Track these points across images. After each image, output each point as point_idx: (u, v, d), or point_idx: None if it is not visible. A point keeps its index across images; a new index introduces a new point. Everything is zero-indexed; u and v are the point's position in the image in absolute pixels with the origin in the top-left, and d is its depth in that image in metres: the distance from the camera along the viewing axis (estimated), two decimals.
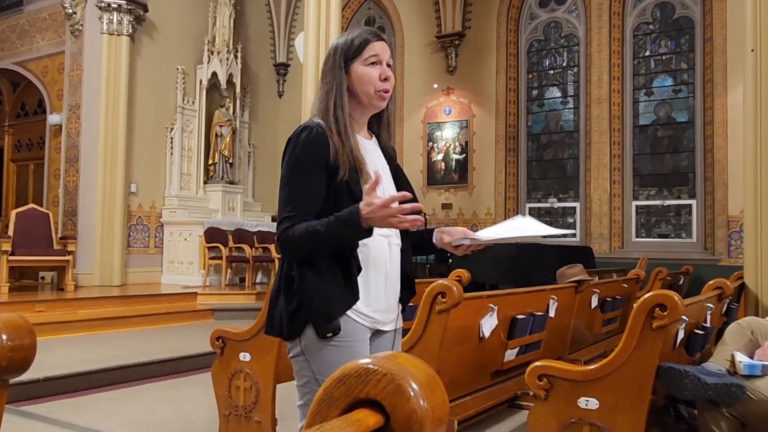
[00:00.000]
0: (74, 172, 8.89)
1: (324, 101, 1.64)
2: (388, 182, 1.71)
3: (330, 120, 1.61)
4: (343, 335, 1.56)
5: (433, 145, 10.77)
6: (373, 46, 1.65)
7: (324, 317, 1.55)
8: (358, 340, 1.59)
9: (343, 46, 1.66)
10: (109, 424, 3.63)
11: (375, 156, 1.71)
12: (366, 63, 1.64)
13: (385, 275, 1.64)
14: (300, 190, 1.58)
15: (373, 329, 1.65)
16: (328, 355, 1.56)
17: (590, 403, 2.30)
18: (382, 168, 1.71)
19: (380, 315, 1.65)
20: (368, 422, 0.66)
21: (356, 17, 11.83)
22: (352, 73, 1.64)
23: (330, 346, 1.56)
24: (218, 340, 3.14)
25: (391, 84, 1.67)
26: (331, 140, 1.58)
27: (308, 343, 1.58)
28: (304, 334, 1.58)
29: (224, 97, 10.28)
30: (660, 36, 9.49)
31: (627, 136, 9.54)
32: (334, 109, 1.62)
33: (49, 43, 9.47)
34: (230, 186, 10.23)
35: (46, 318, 6.04)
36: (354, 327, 1.59)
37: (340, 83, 1.63)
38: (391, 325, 1.70)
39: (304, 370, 1.60)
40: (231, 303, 7.82)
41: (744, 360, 2.66)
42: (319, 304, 1.55)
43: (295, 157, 1.60)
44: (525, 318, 3.49)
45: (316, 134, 1.59)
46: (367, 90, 1.64)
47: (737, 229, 8.22)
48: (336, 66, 1.65)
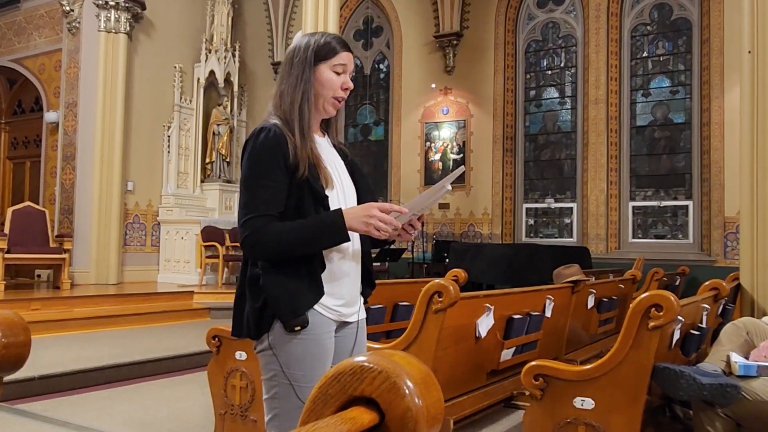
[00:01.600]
0: (71, 170, 8.87)
1: (290, 93, 1.66)
2: (345, 178, 1.74)
3: (294, 113, 1.63)
4: (310, 328, 1.59)
5: (431, 144, 10.77)
6: (342, 55, 1.69)
7: (291, 312, 1.56)
8: (324, 333, 1.62)
9: (316, 46, 1.68)
10: (105, 422, 3.62)
11: (329, 153, 1.74)
12: (332, 69, 1.68)
13: (348, 269, 1.68)
14: (262, 189, 1.58)
15: (339, 321, 1.68)
16: (296, 348, 1.59)
17: (586, 403, 2.30)
18: (338, 165, 1.74)
19: (345, 308, 1.68)
20: (363, 420, 0.66)
21: (354, 16, 11.82)
22: (317, 74, 1.67)
23: (297, 339, 1.58)
24: (214, 338, 3.14)
25: (347, 94, 1.72)
26: (289, 139, 1.60)
27: (276, 338, 1.59)
28: (272, 330, 1.59)
29: (222, 95, 10.27)
30: (657, 37, 9.51)
31: (624, 137, 9.56)
32: (301, 102, 1.64)
33: (46, 41, 9.44)
34: (227, 185, 10.22)
35: (42, 316, 6.02)
36: (321, 320, 1.61)
37: (308, 80, 1.66)
38: (354, 316, 1.73)
39: (272, 364, 1.62)
40: (227, 302, 7.78)
41: (739, 360, 2.67)
42: (285, 299, 1.57)
43: (254, 157, 1.61)
44: (521, 318, 3.49)
45: (275, 134, 1.60)
46: (325, 94, 1.68)
47: (733, 230, 8.24)
48: (306, 62, 1.67)
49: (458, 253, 7.73)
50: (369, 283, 1.78)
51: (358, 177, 1.78)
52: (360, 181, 1.78)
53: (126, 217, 9.12)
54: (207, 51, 9.93)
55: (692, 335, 2.80)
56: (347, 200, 1.70)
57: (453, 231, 10.43)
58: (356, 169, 1.79)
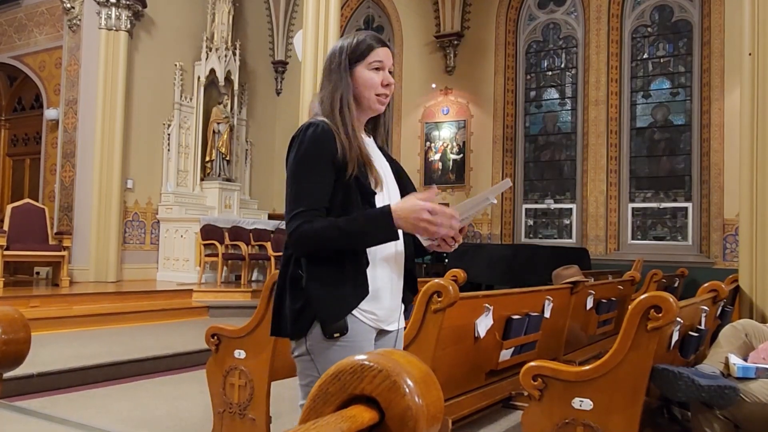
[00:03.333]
0: (70, 168, 8.87)
1: (329, 100, 1.65)
2: (390, 181, 1.72)
3: (336, 119, 1.62)
4: (350, 335, 1.55)
5: (431, 144, 10.77)
6: (378, 52, 1.67)
7: (332, 316, 1.53)
8: (363, 340, 1.58)
9: (349, 48, 1.67)
10: (104, 420, 3.62)
11: (376, 154, 1.72)
12: (370, 67, 1.66)
13: (391, 274, 1.64)
14: (310, 184, 1.56)
15: (378, 329, 1.65)
16: (334, 355, 1.53)
17: (584, 404, 2.31)
18: (384, 167, 1.72)
19: (385, 314, 1.64)
20: (363, 418, 0.66)
21: (355, 16, 11.82)
22: (355, 76, 1.66)
23: (336, 346, 1.54)
24: (213, 337, 3.14)
25: (391, 90, 1.70)
26: (338, 137, 1.58)
27: (314, 343, 1.56)
28: (310, 334, 1.56)
29: (222, 94, 10.27)
30: (658, 39, 9.51)
31: (624, 139, 9.56)
32: (341, 108, 1.63)
33: (46, 38, 9.44)
34: (227, 183, 10.22)
35: (41, 313, 6.02)
36: (360, 327, 1.58)
37: (347, 84, 1.65)
38: (395, 324, 1.70)
39: (309, 369, 1.59)
40: (226, 300, 7.81)
41: (738, 362, 2.67)
42: (327, 302, 1.54)
43: (302, 152, 1.59)
44: (520, 318, 3.49)
45: (323, 130, 1.59)
46: (368, 94, 1.66)
47: (732, 232, 8.25)
48: (342, 66, 1.66)
49: (457, 253, 7.73)
50: (412, 289, 1.74)
51: (405, 181, 1.76)
52: (407, 186, 1.75)
53: (125, 215, 9.12)
54: (207, 49, 9.93)
55: (691, 337, 2.80)
56: (392, 201, 1.65)
57: None
58: (402, 173, 1.77)
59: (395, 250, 1.65)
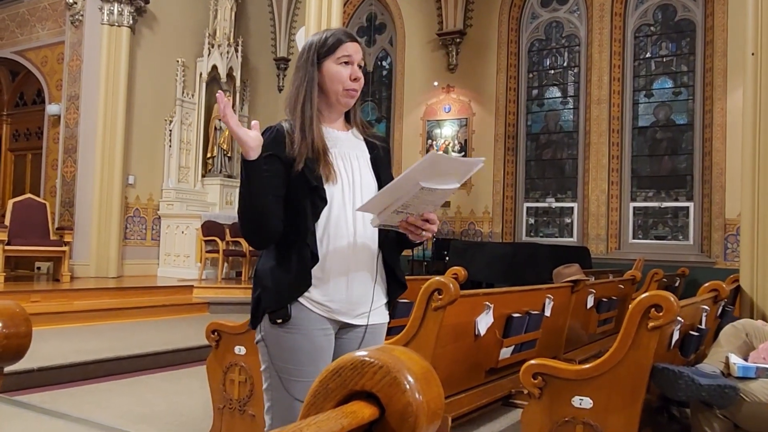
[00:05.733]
0: (72, 163, 8.87)
1: (294, 95, 1.71)
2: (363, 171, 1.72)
3: (297, 113, 1.68)
4: (296, 323, 1.62)
5: (432, 142, 10.76)
6: (346, 46, 1.70)
7: (273, 304, 1.61)
8: (314, 329, 1.63)
9: (318, 44, 1.71)
10: (104, 415, 3.63)
11: (347, 146, 1.74)
12: (338, 62, 1.69)
13: (347, 267, 1.65)
14: None
15: (334, 320, 1.66)
16: (284, 342, 1.63)
17: (584, 402, 2.31)
18: (356, 157, 1.73)
19: (340, 305, 1.65)
20: (363, 414, 0.66)
21: (357, 13, 11.81)
22: (323, 70, 1.70)
23: (284, 332, 1.62)
24: (213, 333, 3.14)
25: (360, 84, 1.72)
26: (288, 136, 1.66)
27: (266, 330, 1.65)
28: (264, 321, 1.65)
29: (224, 90, 10.25)
30: (661, 38, 9.49)
31: (626, 138, 9.55)
32: (303, 103, 1.68)
33: (48, 33, 9.44)
34: (228, 180, 10.22)
35: (42, 308, 6.03)
36: (308, 315, 1.63)
37: (312, 79, 1.69)
38: (361, 319, 1.69)
39: (264, 355, 1.68)
40: (227, 297, 7.81)
41: (738, 362, 2.67)
42: (271, 290, 1.62)
43: None
44: (521, 316, 3.49)
45: (277, 132, 1.67)
46: (335, 88, 1.70)
47: (734, 232, 8.24)
48: (309, 62, 1.70)
49: (458, 251, 7.73)
50: (398, 285, 1.76)
51: (381, 169, 1.76)
52: (381, 174, 1.75)
53: (126, 211, 9.13)
54: (210, 46, 9.92)
55: (691, 336, 2.80)
56: (355, 195, 1.68)
57: (453, 229, 10.43)
58: (379, 163, 1.77)
59: (353, 242, 1.66)
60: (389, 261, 1.74)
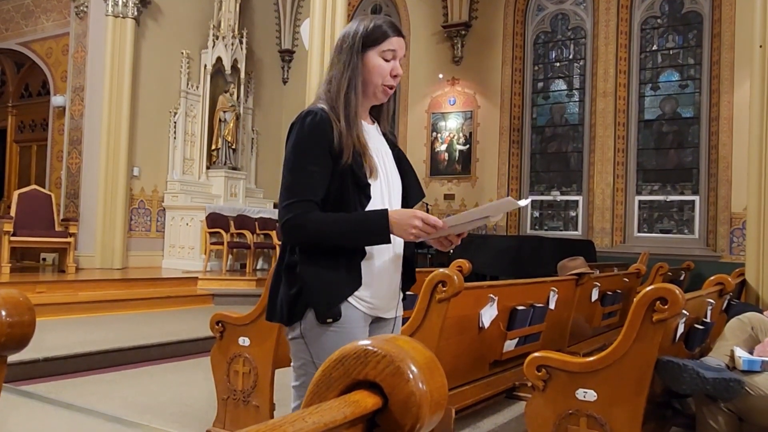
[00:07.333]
0: (77, 155, 8.89)
1: (338, 80, 1.63)
2: (390, 168, 1.71)
3: (340, 101, 1.60)
4: (343, 321, 1.57)
5: (437, 135, 10.74)
6: (392, 40, 1.64)
7: (325, 303, 1.55)
8: (356, 327, 1.59)
9: (365, 31, 1.64)
10: (108, 405, 3.65)
11: (377, 141, 1.71)
12: (382, 55, 1.64)
13: (388, 262, 1.64)
14: (306, 174, 1.57)
15: (373, 316, 1.65)
16: (327, 340, 1.56)
17: (588, 395, 2.30)
18: (385, 153, 1.71)
19: (381, 302, 1.65)
20: (366, 403, 0.66)
21: (363, 5, 11.76)
22: (365, 60, 1.64)
23: (329, 331, 1.56)
24: (218, 324, 3.15)
25: (397, 81, 1.68)
26: (335, 124, 1.57)
27: (308, 327, 1.58)
28: (304, 318, 1.58)
29: (228, 82, 10.26)
30: (668, 30, 9.43)
31: (632, 131, 9.50)
32: (347, 90, 1.61)
33: (53, 24, 9.43)
34: (233, 172, 10.23)
35: (47, 299, 6.05)
36: (354, 314, 1.59)
37: (356, 66, 1.62)
38: (392, 312, 1.71)
39: (302, 352, 1.61)
40: (231, 288, 7.84)
41: (743, 355, 2.66)
42: (320, 289, 1.55)
43: (299, 141, 1.59)
44: (525, 309, 3.48)
45: (321, 119, 1.58)
46: (375, 81, 1.64)
47: (740, 226, 8.21)
48: (354, 48, 1.63)
49: (463, 244, 7.69)
50: (410, 277, 1.76)
51: (405, 167, 1.75)
52: (407, 172, 1.74)
53: (131, 203, 9.15)
54: (214, 37, 9.91)
55: (696, 329, 2.79)
56: (391, 191, 1.67)
57: None
58: (403, 160, 1.76)
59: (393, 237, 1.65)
60: (409, 256, 1.74)
